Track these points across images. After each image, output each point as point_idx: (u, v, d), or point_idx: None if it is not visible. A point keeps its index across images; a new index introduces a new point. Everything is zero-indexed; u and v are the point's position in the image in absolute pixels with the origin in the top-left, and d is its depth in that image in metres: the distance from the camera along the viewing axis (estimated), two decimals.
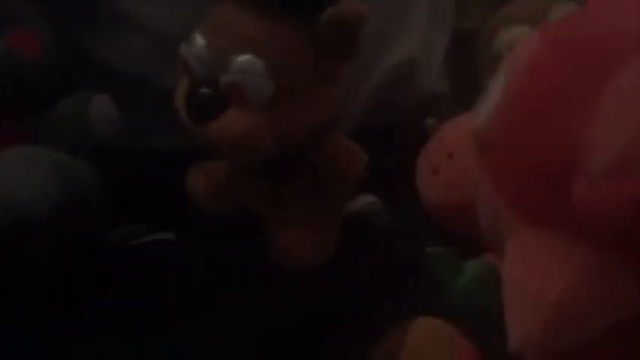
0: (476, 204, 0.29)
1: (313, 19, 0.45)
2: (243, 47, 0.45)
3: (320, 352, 0.47)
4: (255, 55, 0.45)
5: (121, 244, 0.56)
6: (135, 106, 0.58)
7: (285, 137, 0.48)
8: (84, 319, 0.49)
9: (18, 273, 0.49)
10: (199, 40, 0.47)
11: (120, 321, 0.49)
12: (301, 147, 0.50)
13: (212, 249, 0.56)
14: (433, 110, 0.68)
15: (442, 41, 0.65)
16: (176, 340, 0.47)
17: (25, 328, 0.48)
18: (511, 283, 0.25)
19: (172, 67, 0.50)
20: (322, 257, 0.53)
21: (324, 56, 0.46)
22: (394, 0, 0.63)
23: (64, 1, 0.56)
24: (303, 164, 0.52)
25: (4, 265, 0.49)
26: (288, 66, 0.46)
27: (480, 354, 0.35)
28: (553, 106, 0.24)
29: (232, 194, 0.56)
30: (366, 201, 0.58)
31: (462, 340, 0.36)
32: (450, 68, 0.68)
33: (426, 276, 0.33)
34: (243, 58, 0.45)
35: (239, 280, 0.53)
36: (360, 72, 0.62)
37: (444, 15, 0.65)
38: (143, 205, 0.58)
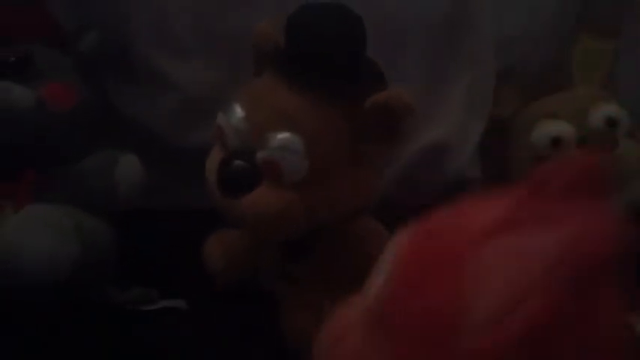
0: None
1: (356, 100, 0.44)
2: (283, 124, 0.44)
3: None
4: (293, 133, 0.44)
5: (132, 309, 0.54)
6: (157, 164, 0.57)
7: (317, 217, 0.46)
8: None
9: (27, 329, 0.47)
10: (238, 111, 0.46)
11: None
12: (329, 226, 0.48)
13: (222, 323, 0.54)
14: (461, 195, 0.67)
15: (477, 127, 0.64)
16: None
17: None
18: None
19: (198, 126, 0.49)
20: None
21: (364, 140, 0.45)
22: (433, 85, 0.63)
23: (99, 55, 0.55)
24: (326, 243, 0.50)
25: (16, 322, 0.47)
26: (326, 146, 0.45)
27: None
28: (428, 280, 0.30)
29: (247, 267, 0.54)
30: None
31: None
32: (483, 154, 0.67)
33: None
34: (283, 136, 0.44)
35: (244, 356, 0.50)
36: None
37: (481, 102, 0.64)
38: (156, 267, 0.57)
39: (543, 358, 0.27)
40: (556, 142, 0.58)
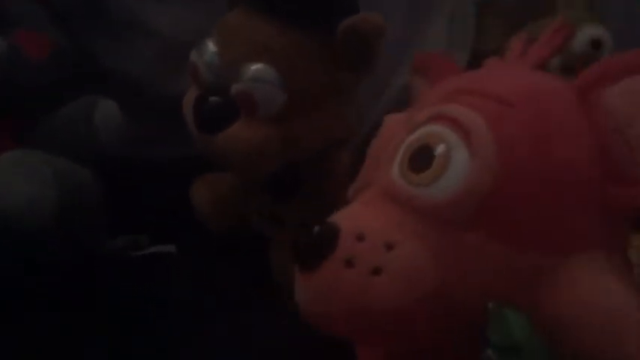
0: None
1: (329, 29, 0.43)
2: (256, 56, 0.44)
3: None
4: (267, 64, 0.43)
5: (121, 255, 0.55)
6: (141, 114, 0.57)
7: (295, 151, 0.46)
8: (77, 329, 0.47)
9: (15, 279, 0.48)
10: (211, 46, 0.46)
11: (113, 334, 0.47)
12: (309, 162, 0.48)
13: (212, 265, 0.54)
14: None
15: (460, 60, 0.63)
16: (171, 357, 0.45)
17: (19, 331, 0.46)
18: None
19: (182, 73, 0.49)
20: None
21: (340, 69, 0.44)
22: (411, 18, 0.62)
23: (74, 4, 0.54)
24: (309, 181, 0.50)
25: (6, 273, 0.47)
26: (302, 77, 0.44)
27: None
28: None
29: (235, 208, 0.54)
30: None
31: None
32: None
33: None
34: (255, 67, 0.43)
35: (238, 300, 0.51)
36: (371, 89, 0.61)
37: (463, 35, 0.63)
38: (145, 215, 0.58)
39: None
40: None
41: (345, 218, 0.32)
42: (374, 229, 0.30)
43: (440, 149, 0.29)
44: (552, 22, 0.62)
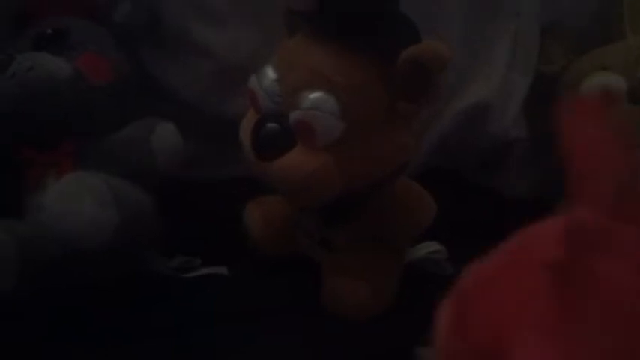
0: None
1: (391, 58, 0.42)
2: (316, 84, 0.43)
3: None
4: (327, 92, 0.43)
5: (175, 275, 0.55)
6: (196, 134, 0.57)
7: (353, 180, 0.45)
8: (130, 348, 0.47)
9: (70, 297, 0.48)
10: (270, 73, 0.46)
11: (166, 354, 0.47)
12: (366, 190, 0.47)
13: (263, 287, 0.54)
14: (506, 155, 0.65)
15: (522, 85, 0.62)
16: None
17: (73, 348, 0.47)
18: None
19: (238, 95, 0.49)
20: (379, 307, 0.50)
21: (400, 98, 0.44)
22: (472, 40, 0.61)
23: (136, 26, 0.55)
24: (364, 207, 0.49)
25: (56, 290, 0.48)
26: (361, 105, 0.44)
27: None
28: None
29: (286, 232, 0.54)
30: (430, 249, 0.55)
31: None
32: (528, 113, 0.64)
33: None
34: (315, 95, 0.43)
35: (289, 325, 0.50)
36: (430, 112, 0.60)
37: (526, 58, 0.62)
38: (199, 236, 0.57)
39: None
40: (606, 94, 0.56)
41: None
42: None
43: None
44: (617, 46, 0.60)
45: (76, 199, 0.45)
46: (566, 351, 0.24)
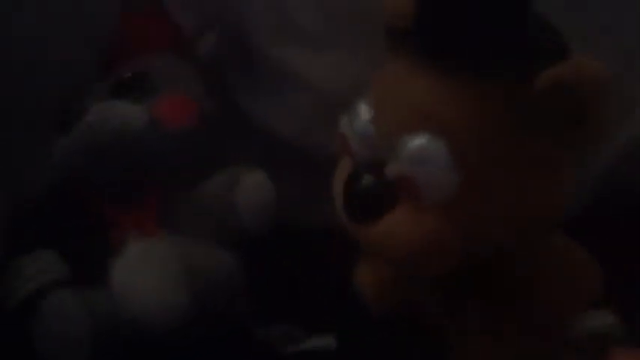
0: None
1: (525, 81, 0.31)
2: (419, 124, 0.33)
3: None
4: (434, 136, 0.32)
5: (273, 350, 0.47)
6: (293, 175, 0.50)
7: (479, 244, 0.34)
8: None
9: None
10: (363, 112, 0.36)
11: None
12: (500, 257, 0.36)
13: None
14: None
15: None
16: None
17: None
18: None
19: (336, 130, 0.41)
20: None
21: (539, 137, 0.32)
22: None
23: (224, 58, 0.48)
24: (501, 277, 0.38)
25: None
26: (483, 150, 0.32)
27: None
28: None
29: (403, 294, 0.44)
30: (603, 321, 0.43)
31: None
32: None
33: None
34: (417, 143, 0.32)
35: None
36: None
37: None
38: (298, 298, 0.50)
39: None
40: None
41: None
42: None
43: None
44: None
45: (142, 277, 0.39)
46: None
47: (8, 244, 0.47)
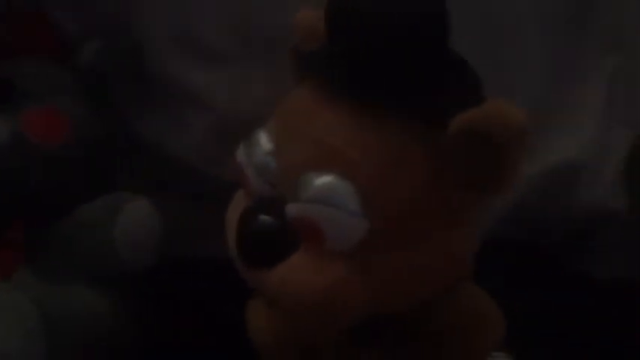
0: None
1: (439, 123, 0.28)
2: (323, 162, 0.29)
3: None
4: (340, 176, 0.28)
5: None
6: (189, 201, 0.46)
7: (386, 300, 0.30)
8: None
9: None
10: (264, 142, 0.32)
11: None
12: (405, 310, 0.33)
13: None
14: (599, 229, 0.50)
15: (622, 139, 0.47)
16: None
17: None
18: None
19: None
20: None
21: (453, 184, 0.29)
22: (556, 80, 0.46)
23: (106, 69, 0.43)
24: (405, 326, 0.35)
25: None
26: (394, 195, 0.29)
27: None
28: None
29: (300, 342, 0.40)
30: None
31: None
32: (630, 176, 0.49)
33: None
34: (322, 181, 0.28)
35: None
36: None
37: (628, 103, 0.47)
38: (192, 337, 0.46)
39: None
40: None
41: None
42: None
43: None
44: None
45: None
46: None
47: None
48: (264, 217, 0.31)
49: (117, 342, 0.38)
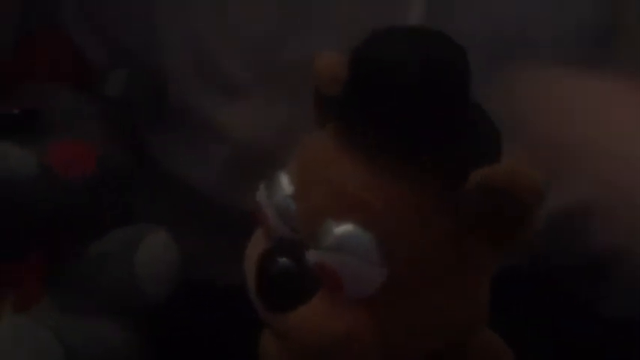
0: None
1: (459, 176, 0.28)
2: (344, 209, 0.29)
3: None
4: (361, 225, 0.29)
5: None
6: (208, 232, 0.47)
7: (401, 349, 0.31)
8: None
9: None
10: (284, 184, 0.32)
11: None
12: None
13: None
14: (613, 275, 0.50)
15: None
16: None
17: None
18: None
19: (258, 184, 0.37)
20: None
21: (473, 236, 0.29)
22: None
23: (131, 101, 0.43)
24: None
25: None
26: (412, 246, 0.29)
27: None
28: None
29: None
30: None
31: None
32: None
33: None
34: (343, 230, 0.29)
35: None
36: None
37: None
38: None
39: None
40: None
41: None
42: None
43: None
44: None
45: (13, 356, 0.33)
46: None
47: None
48: (284, 261, 0.31)
49: None
